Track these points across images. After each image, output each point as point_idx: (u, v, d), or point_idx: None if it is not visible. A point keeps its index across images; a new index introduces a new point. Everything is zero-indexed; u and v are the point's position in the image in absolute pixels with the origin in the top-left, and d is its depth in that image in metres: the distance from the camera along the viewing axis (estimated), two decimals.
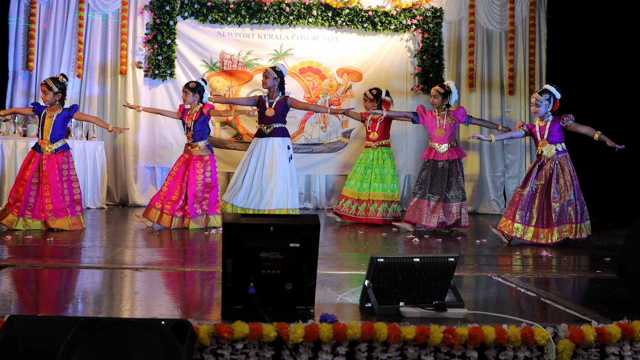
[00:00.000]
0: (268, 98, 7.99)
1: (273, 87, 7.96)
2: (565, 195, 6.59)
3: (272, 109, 7.91)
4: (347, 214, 8.12)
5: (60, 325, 2.75)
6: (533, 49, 10.05)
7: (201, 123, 7.35)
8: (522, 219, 6.59)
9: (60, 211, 6.78)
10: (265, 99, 8.00)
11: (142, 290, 4.17)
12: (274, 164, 7.83)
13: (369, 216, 8.00)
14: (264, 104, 7.97)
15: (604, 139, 6.77)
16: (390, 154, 8.26)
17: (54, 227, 6.71)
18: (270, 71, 7.99)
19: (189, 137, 7.36)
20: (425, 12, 9.90)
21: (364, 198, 8.06)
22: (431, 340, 3.09)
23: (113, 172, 9.69)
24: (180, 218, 7.14)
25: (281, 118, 7.97)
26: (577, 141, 7.06)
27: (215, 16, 9.63)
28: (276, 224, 3.32)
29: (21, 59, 9.41)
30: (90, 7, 9.57)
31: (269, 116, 7.91)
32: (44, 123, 6.88)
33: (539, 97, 6.74)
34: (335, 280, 4.40)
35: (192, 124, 7.32)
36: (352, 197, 8.12)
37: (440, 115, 7.57)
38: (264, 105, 7.95)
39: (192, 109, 7.40)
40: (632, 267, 3.83)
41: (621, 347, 3.25)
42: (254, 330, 3.02)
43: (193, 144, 7.33)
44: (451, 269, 3.49)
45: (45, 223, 6.74)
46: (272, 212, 7.73)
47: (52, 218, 6.73)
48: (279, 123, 7.95)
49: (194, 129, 7.32)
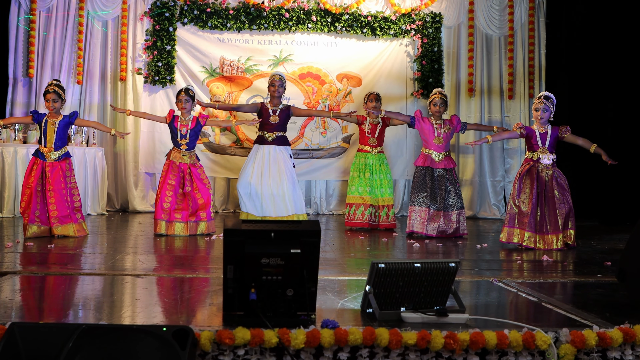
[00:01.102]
0: (271, 105, 7.97)
1: (281, 95, 7.97)
2: (565, 202, 6.60)
3: (276, 116, 7.90)
4: (362, 221, 7.99)
5: (61, 332, 2.75)
6: (532, 53, 10.06)
7: (196, 132, 7.36)
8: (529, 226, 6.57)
9: (65, 218, 6.79)
10: (267, 106, 7.97)
11: (143, 296, 4.17)
12: (281, 170, 7.83)
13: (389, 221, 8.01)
14: (267, 110, 7.93)
15: (600, 152, 6.79)
16: (386, 159, 8.32)
17: (58, 234, 6.71)
18: (283, 79, 8.01)
19: (182, 145, 7.33)
20: (425, 17, 9.92)
21: (381, 204, 8.04)
22: (432, 346, 3.09)
23: (113, 179, 9.70)
24: (194, 223, 7.18)
25: (284, 126, 7.97)
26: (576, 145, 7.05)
27: (215, 22, 9.65)
28: (277, 229, 3.31)
29: (21, 65, 9.42)
30: (90, 13, 9.58)
31: (273, 123, 7.88)
32: (46, 131, 6.87)
33: (547, 103, 6.70)
34: (337, 286, 4.40)
35: (188, 132, 7.31)
36: (364, 202, 7.99)
37: (437, 124, 7.55)
38: (268, 113, 7.92)
39: (185, 117, 7.36)
40: (633, 271, 3.82)
41: (623, 352, 3.24)
42: (255, 336, 3.02)
43: (186, 152, 7.31)
44: (452, 274, 3.49)
45: (50, 230, 6.74)
46: (291, 217, 7.77)
47: (57, 225, 6.73)
48: (281, 131, 7.94)
49: (190, 137, 7.31)
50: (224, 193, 9.92)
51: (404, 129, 9.51)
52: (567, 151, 8.61)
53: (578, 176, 9.46)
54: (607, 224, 8.92)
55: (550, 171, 6.68)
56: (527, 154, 6.85)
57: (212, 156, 9.80)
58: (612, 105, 9.31)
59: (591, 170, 9.03)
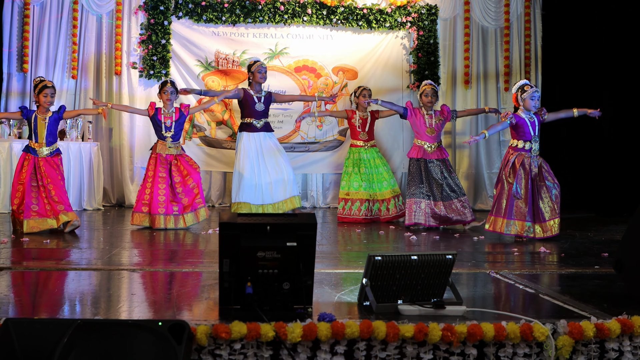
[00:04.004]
0: (255, 92, 8.00)
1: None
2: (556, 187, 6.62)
3: (262, 103, 7.95)
4: (358, 217, 8.00)
5: (56, 328, 2.73)
6: (528, 45, 10.04)
7: (181, 123, 7.36)
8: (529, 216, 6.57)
9: (68, 207, 6.83)
10: (251, 92, 8.01)
11: (139, 291, 4.16)
12: (277, 154, 7.96)
13: (390, 215, 7.99)
14: (252, 97, 7.97)
15: (583, 111, 6.78)
16: (379, 152, 8.36)
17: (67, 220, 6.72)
18: (265, 66, 8.11)
19: (167, 137, 7.30)
20: (420, 10, 9.89)
21: (379, 198, 8.02)
22: (430, 338, 3.08)
23: (109, 173, 9.67)
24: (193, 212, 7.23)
25: (267, 113, 8.10)
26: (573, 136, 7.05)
27: (210, 15, 9.61)
28: (273, 223, 3.30)
29: (15, 60, 9.38)
30: (84, 7, 9.54)
31: (259, 111, 7.96)
32: (37, 126, 6.84)
33: (537, 90, 6.71)
34: (333, 279, 4.39)
35: (173, 124, 7.29)
36: (359, 198, 7.99)
37: (428, 115, 7.55)
38: (253, 100, 7.96)
39: (168, 109, 7.34)
40: (631, 262, 3.82)
41: (620, 343, 3.24)
42: (251, 330, 3.00)
43: (172, 143, 7.29)
44: (449, 266, 3.48)
45: (57, 219, 6.73)
46: (288, 200, 7.93)
47: (64, 211, 6.75)
48: (266, 118, 8.06)
49: (175, 129, 7.30)
50: (220, 187, 9.90)
51: (399, 122, 9.46)
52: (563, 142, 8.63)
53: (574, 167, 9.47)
54: (603, 215, 8.92)
55: (539, 160, 6.67)
56: (515, 142, 6.70)
57: (208, 150, 9.77)
58: (607, 97, 9.29)
59: (587, 161, 9.04)
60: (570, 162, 9.45)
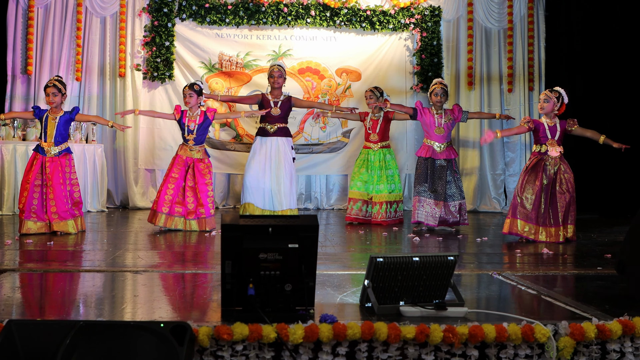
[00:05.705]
0: (272, 97, 7.97)
1: (281, 86, 7.98)
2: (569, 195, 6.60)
3: (277, 108, 7.91)
4: (358, 217, 8.02)
5: (59, 329, 2.74)
6: (532, 46, 10.04)
7: (205, 128, 7.32)
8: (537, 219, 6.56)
9: (64, 213, 6.78)
10: (268, 98, 7.98)
11: (143, 292, 4.17)
12: (281, 164, 7.87)
13: (379, 219, 7.93)
14: (269, 102, 7.95)
15: (609, 142, 6.77)
16: (392, 154, 8.27)
17: (58, 230, 6.71)
18: (282, 69, 8.04)
19: (190, 140, 7.31)
20: (424, 11, 9.90)
21: (375, 200, 8.00)
22: (431, 340, 3.09)
23: (113, 175, 9.69)
24: (195, 219, 7.16)
25: (285, 118, 8.01)
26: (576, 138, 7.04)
27: (214, 17, 9.63)
28: (275, 224, 3.31)
29: (20, 62, 9.41)
30: (88, 10, 9.57)
31: (274, 115, 7.91)
32: (47, 126, 6.86)
33: (549, 94, 6.72)
34: (335, 281, 4.39)
35: (196, 127, 7.28)
36: (361, 198, 8.02)
37: (438, 114, 7.55)
38: (269, 104, 7.93)
39: (193, 112, 7.33)
40: (633, 263, 3.82)
41: (622, 344, 3.24)
42: (253, 332, 3.01)
43: (194, 147, 7.29)
44: (451, 267, 3.49)
45: (50, 225, 6.74)
46: (284, 212, 7.83)
47: (56, 220, 6.73)
48: (283, 123, 7.97)
49: (197, 132, 7.28)
50: (224, 189, 9.91)
51: (404, 122, 9.46)
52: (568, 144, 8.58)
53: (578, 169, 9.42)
54: (607, 216, 8.91)
55: (558, 164, 6.67)
56: (535, 147, 6.83)
57: (212, 152, 9.72)
58: (611, 98, 9.28)
59: (591, 163, 9.02)
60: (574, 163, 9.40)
